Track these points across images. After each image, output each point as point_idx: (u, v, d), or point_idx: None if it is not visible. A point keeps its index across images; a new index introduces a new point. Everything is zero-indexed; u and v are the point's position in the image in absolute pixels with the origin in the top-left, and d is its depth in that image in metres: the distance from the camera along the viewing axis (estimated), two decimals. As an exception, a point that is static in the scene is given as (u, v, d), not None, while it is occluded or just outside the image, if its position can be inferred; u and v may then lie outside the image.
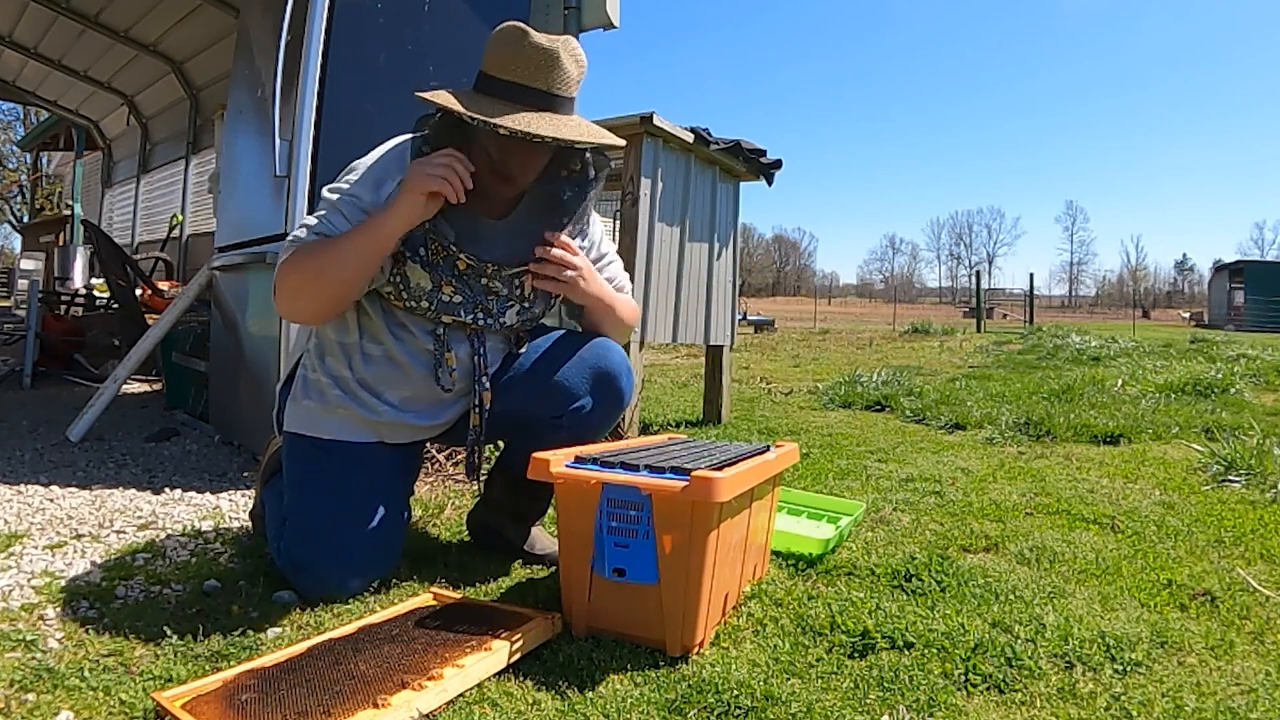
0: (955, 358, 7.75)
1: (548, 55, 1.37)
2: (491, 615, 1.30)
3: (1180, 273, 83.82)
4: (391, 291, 1.47)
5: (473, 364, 1.51)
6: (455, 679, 1.08)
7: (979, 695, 1.15)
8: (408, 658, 1.13)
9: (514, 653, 1.18)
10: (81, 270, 7.77)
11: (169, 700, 1.01)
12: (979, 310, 16.61)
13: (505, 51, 1.38)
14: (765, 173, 3.61)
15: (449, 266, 1.46)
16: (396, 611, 1.32)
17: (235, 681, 1.06)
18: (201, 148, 6.24)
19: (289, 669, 1.09)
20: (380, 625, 1.26)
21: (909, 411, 3.93)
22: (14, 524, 1.83)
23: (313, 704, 1.00)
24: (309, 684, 1.05)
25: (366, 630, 1.24)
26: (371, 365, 1.49)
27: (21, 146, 20.46)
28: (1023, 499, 2.27)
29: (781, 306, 38.69)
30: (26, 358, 4.13)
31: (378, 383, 1.49)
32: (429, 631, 1.23)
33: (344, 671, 1.08)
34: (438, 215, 1.42)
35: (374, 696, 1.01)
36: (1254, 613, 1.46)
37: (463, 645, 1.17)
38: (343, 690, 1.03)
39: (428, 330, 1.49)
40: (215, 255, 3.02)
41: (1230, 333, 15.55)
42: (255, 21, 2.82)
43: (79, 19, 5.65)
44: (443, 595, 1.41)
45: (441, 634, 1.22)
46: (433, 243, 1.45)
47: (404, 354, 1.49)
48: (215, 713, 0.98)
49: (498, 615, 1.30)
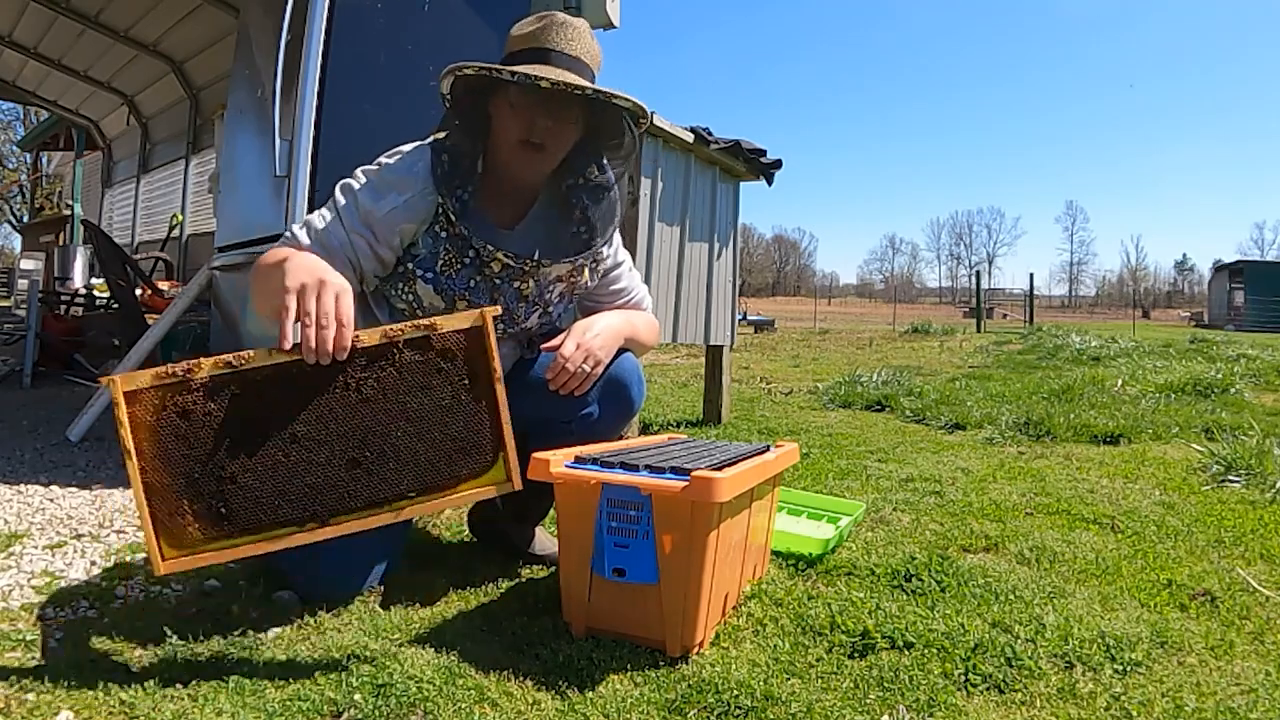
0: (955, 358, 7.75)
1: (574, 26, 1.40)
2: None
3: (1180, 273, 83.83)
4: (405, 308, 1.46)
5: None
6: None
7: (979, 695, 1.15)
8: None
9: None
10: (81, 270, 7.76)
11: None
12: (979, 310, 16.61)
13: (534, 26, 1.40)
14: (765, 172, 3.61)
15: (475, 269, 1.43)
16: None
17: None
18: (201, 148, 6.25)
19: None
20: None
21: (909, 411, 3.94)
22: (14, 524, 1.83)
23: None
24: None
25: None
26: None
27: (21, 146, 20.48)
28: (1023, 499, 2.27)
29: (781, 306, 38.70)
30: (26, 358, 4.13)
31: None
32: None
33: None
34: (461, 219, 1.39)
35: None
36: (1254, 613, 1.46)
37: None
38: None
39: None
40: (215, 255, 3.02)
41: (1230, 333, 15.55)
42: (255, 21, 2.82)
43: (79, 19, 5.65)
44: None
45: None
46: (449, 253, 1.42)
47: None
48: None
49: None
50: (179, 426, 1.09)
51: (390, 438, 1.15)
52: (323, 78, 2.29)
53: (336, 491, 1.13)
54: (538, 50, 1.38)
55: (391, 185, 1.40)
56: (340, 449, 1.14)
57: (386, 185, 1.40)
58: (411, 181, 1.40)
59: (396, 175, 1.41)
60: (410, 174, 1.40)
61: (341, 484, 1.13)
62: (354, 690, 1.09)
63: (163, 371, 1.09)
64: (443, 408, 1.18)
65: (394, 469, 1.15)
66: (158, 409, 1.09)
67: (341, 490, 1.13)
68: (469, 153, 1.43)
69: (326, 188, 2.32)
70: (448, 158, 1.40)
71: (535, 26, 1.40)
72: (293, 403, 1.13)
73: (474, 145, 1.44)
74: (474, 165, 1.44)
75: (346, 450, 1.14)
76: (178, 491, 1.09)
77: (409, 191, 1.40)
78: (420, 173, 1.40)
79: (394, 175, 1.41)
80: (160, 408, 1.09)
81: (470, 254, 1.43)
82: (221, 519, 1.10)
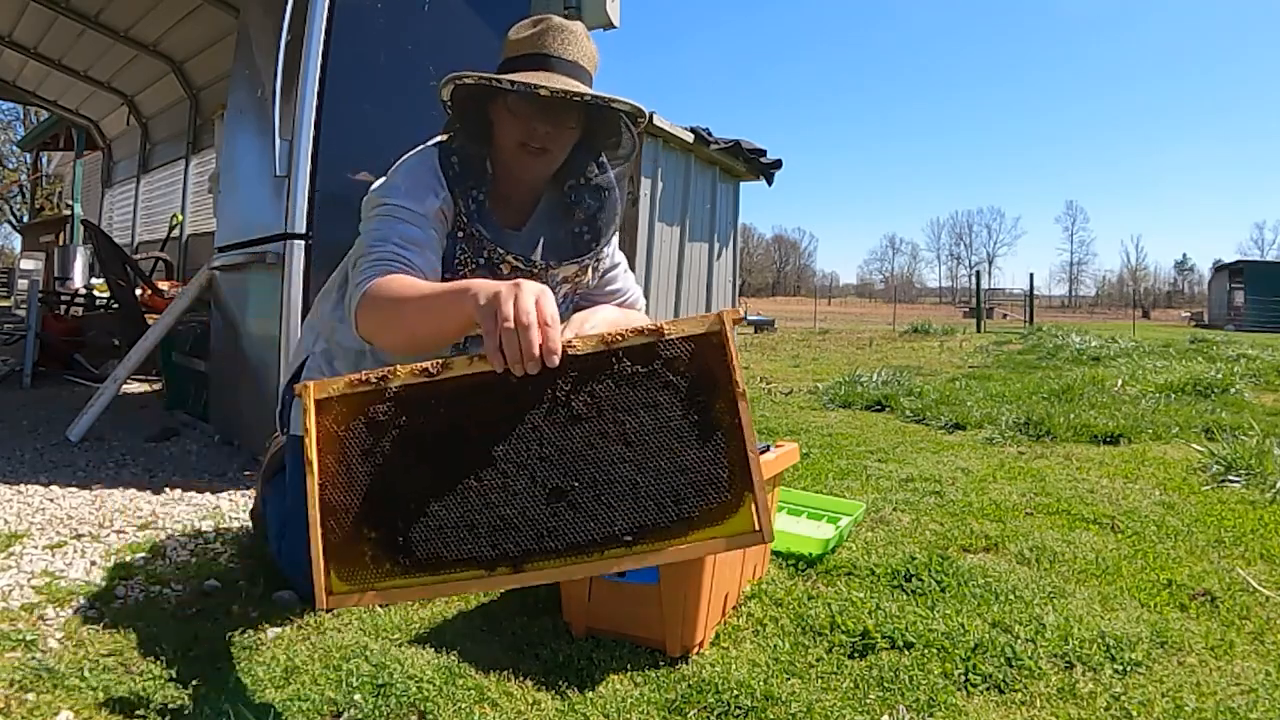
0: (955, 358, 7.75)
1: (570, 30, 1.40)
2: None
3: (1180, 273, 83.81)
4: None
5: None
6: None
7: (979, 695, 1.15)
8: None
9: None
10: (81, 270, 7.75)
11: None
12: (979, 310, 16.60)
13: (531, 30, 1.40)
14: (765, 172, 3.62)
15: (487, 271, 1.43)
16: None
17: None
18: (201, 148, 6.24)
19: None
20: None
21: (909, 411, 3.93)
22: (14, 524, 1.83)
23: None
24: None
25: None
26: None
27: (21, 146, 20.47)
28: (1023, 499, 2.27)
29: (781, 306, 38.69)
30: (26, 358, 4.13)
31: None
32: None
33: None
34: (474, 219, 1.39)
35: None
36: (1254, 613, 1.46)
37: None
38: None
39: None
40: (215, 255, 3.02)
41: (1230, 333, 15.54)
42: (255, 21, 2.82)
43: (79, 19, 5.65)
44: None
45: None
46: (464, 254, 1.42)
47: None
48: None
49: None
50: (367, 440, 0.98)
51: (604, 465, 0.96)
52: (323, 78, 2.29)
53: (535, 528, 0.95)
54: (535, 56, 1.38)
55: (425, 186, 1.38)
56: (543, 475, 0.96)
57: (420, 187, 1.38)
58: (433, 184, 1.38)
59: (425, 176, 1.39)
60: (435, 175, 1.39)
61: (541, 519, 0.95)
62: (354, 690, 1.09)
63: (356, 379, 1.00)
64: (670, 431, 0.97)
65: (607, 505, 0.95)
66: (347, 419, 0.99)
67: (541, 527, 0.95)
68: (477, 155, 1.43)
69: (327, 188, 2.33)
70: (458, 160, 1.40)
71: (532, 31, 1.40)
72: (492, 419, 0.98)
73: (480, 148, 1.44)
74: (483, 167, 1.44)
75: (550, 477, 0.96)
76: (357, 513, 0.97)
77: (444, 190, 1.38)
78: (433, 176, 1.39)
79: (422, 176, 1.39)
80: (350, 418, 0.99)
81: (483, 256, 1.43)
82: (399, 549, 0.96)
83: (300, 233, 2.30)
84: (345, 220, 1.36)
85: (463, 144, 1.42)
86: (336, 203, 2.31)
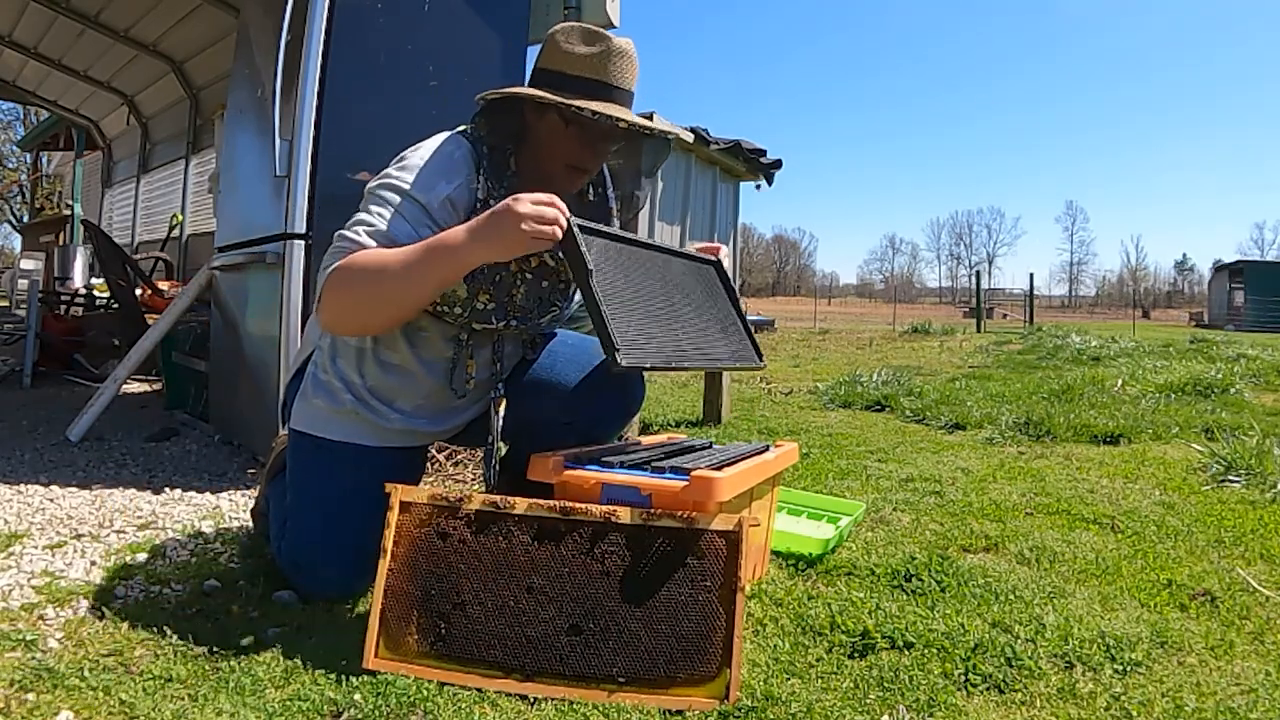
0: (955, 358, 7.75)
1: (629, 56, 1.39)
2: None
3: (1180, 273, 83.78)
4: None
5: (491, 369, 1.51)
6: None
7: (979, 695, 1.15)
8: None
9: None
10: (81, 270, 7.75)
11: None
12: (979, 310, 16.59)
13: (592, 50, 1.37)
14: (765, 172, 3.62)
15: (502, 262, 1.39)
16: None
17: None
18: (201, 147, 6.23)
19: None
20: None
21: (909, 411, 3.93)
22: (14, 524, 1.83)
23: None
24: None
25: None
26: (383, 373, 1.45)
27: (21, 146, 20.46)
28: (1023, 499, 2.27)
29: (781, 306, 38.66)
30: (26, 358, 4.13)
31: (389, 391, 1.45)
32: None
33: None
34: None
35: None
36: (1254, 613, 1.46)
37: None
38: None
39: (450, 336, 1.45)
40: (215, 255, 3.02)
41: (1230, 333, 15.55)
42: (255, 21, 2.82)
43: (79, 19, 5.64)
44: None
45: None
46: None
47: (418, 363, 1.45)
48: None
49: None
50: (435, 545, 1.20)
51: (618, 616, 1.14)
52: (323, 78, 2.29)
53: (551, 652, 1.13)
54: (599, 84, 1.37)
55: (438, 173, 1.36)
56: (567, 611, 1.15)
57: (433, 174, 1.36)
58: (454, 169, 1.37)
59: (440, 163, 1.37)
60: (452, 162, 1.37)
61: (557, 646, 1.13)
62: (354, 690, 1.09)
63: (438, 494, 1.22)
64: (679, 603, 1.14)
65: (611, 648, 1.12)
66: (423, 524, 1.21)
67: (555, 653, 1.13)
68: (504, 150, 1.43)
69: (327, 188, 2.33)
70: (488, 151, 1.40)
71: (593, 52, 1.37)
72: (539, 555, 1.18)
73: (508, 145, 1.43)
74: (508, 162, 1.44)
75: (573, 615, 1.14)
76: (411, 601, 1.17)
77: (457, 179, 1.37)
78: (460, 161, 1.38)
79: (438, 163, 1.37)
80: (426, 523, 1.21)
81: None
82: (439, 639, 1.15)
83: (300, 233, 2.30)
84: (345, 220, 1.35)
85: (493, 136, 1.41)
86: (336, 203, 2.31)
